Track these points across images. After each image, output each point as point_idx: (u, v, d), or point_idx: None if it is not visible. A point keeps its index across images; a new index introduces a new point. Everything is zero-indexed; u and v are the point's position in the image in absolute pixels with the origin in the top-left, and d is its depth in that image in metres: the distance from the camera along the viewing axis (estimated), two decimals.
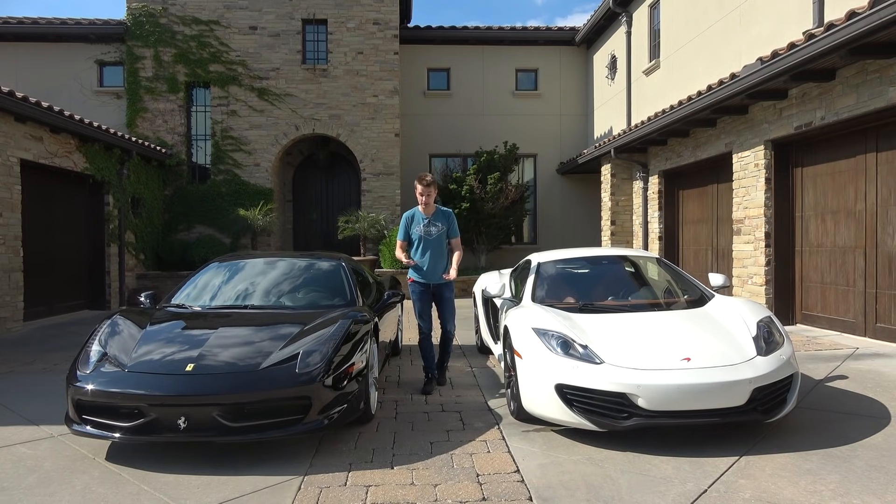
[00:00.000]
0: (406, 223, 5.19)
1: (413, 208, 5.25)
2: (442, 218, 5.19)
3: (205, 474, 3.31)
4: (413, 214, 5.20)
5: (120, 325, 4.16)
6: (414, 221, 5.17)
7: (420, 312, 5.20)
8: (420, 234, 5.11)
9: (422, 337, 5.19)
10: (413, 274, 5.22)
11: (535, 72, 16.30)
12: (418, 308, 5.21)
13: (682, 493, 2.99)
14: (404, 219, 5.22)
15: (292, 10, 13.69)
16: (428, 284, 5.17)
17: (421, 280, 5.18)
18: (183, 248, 12.82)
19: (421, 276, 5.18)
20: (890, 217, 6.42)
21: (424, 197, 5.06)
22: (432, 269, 5.13)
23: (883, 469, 3.22)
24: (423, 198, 5.07)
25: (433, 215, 5.16)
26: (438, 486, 3.15)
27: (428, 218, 5.14)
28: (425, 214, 5.15)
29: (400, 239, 5.21)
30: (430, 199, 5.09)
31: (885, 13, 5.03)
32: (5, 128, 8.41)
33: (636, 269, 5.64)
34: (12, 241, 8.52)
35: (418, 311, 5.21)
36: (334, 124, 13.82)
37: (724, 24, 9.91)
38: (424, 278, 5.17)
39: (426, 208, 5.13)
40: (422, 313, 5.19)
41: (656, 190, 11.50)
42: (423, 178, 5.05)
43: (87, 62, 13.96)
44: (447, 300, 5.22)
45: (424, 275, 5.16)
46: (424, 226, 5.11)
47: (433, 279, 5.15)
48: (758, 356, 3.76)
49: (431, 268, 5.13)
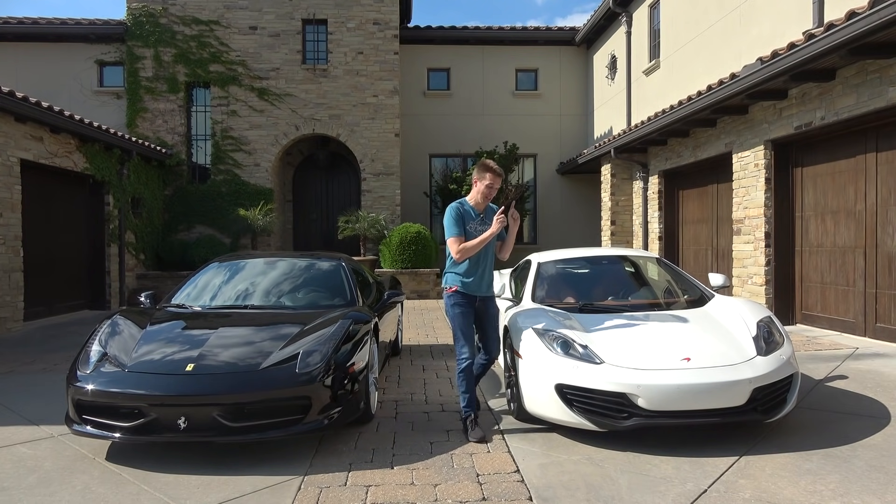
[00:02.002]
0: (459, 216, 4.10)
1: (459, 200, 4.23)
2: (491, 215, 4.21)
3: (205, 474, 3.31)
4: (464, 207, 4.17)
5: (120, 325, 4.16)
6: (466, 216, 4.15)
7: (464, 331, 4.08)
8: (474, 232, 4.12)
9: (465, 364, 4.03)
10: (455, 282, 4.11)
11: (535, 72, 16.30)
12: (461, 325, 4.08)
13: (682, 493, 2.99)
14: (455, 211, 4.11)
15: (292, 10, 13.69)
16: (474, 297, 4.14)
17: (467, 291, 4.10)
18: (183, 248, 12.82)
19: (468, 286, 4.10)
20: (890, 217, 6.42)
21: (491, 190, 4.12)
22: (480, 278, 4.13)
23: (883, 469, 3.22)
24: (489, 191, 4.12)
25: (486, 213, 4.23)
26: (438, 486, 3.15)
27: (480, 215, 4.20)
28: (477, 211, 4.19)
29: (456, 235, 4.05)
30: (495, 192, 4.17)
31: (885, 13, 5.03)
32: (5, 128, 8.41)
33: (636, 269, 5.64)
34: (12, 241, 8.52)
35: (462, 329, 4.07)
36: (334, 124, 13.82)
37: (724, 24, 9.91)
38: (471, 289, 4.11)
39: (480, 204, 4.19)
40: (466, 332, 4.08)
41: (656, 190, 11.50)
42: (492, 165, 4.13)
43: (87, 62, 13.96)
44: (493, 317, 4.26)
45: (472, 285, 4.10)
46: (478, 224, 4.18)
47: (481, 291, 4.16)
48: (758, 356, 3.76)
49: (480, 276, 4.13)
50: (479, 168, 4.14)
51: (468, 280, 4.10)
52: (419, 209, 15.37)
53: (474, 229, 4.11)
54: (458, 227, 4.08)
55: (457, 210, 4.13)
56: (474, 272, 4.11)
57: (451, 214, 4.11)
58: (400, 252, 12.39)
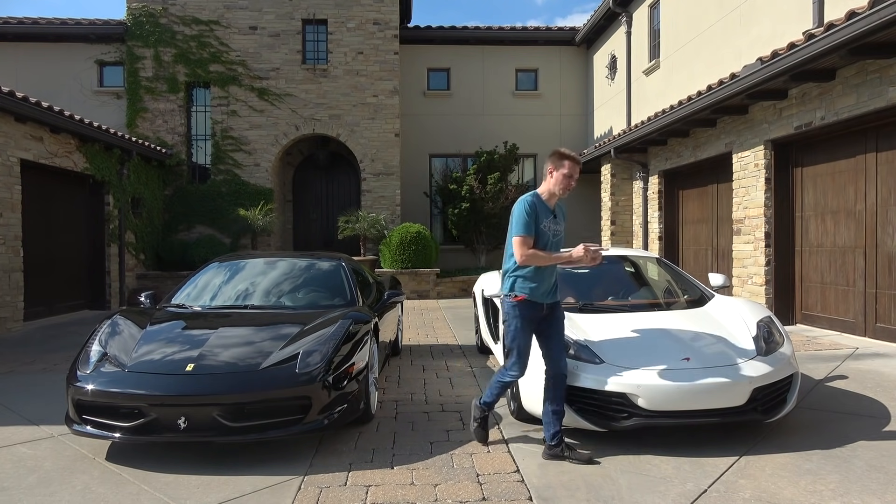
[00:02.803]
0: (533, 211, 3.51)
1: (533, 193, 3.64)
2: (561, 214, 3.75)
3: (205, 474, 3.31)
4: (536, 202, 3.57)
5: (120, 325, 4.16)
6: (541, 213, 3.56)
7: (523, 349, 3.54)
8: (547, 232, 3.58)
9: (510, 381, 3.64)
10: (524, 289, 3.52)
11: (535, 72, 16.30)
12: (521, 342, 3.53)
13: (682, 493, 2.99)
14: (530, 205, 3.51)
15: (292, 10, 13.69)
16: (542, 306, 3.57)
17: (535, 300, 3.53)
18: (183, 248, 12.82)
19: (536, 293, 3.53)
20: (890, 217, 6.42)
21: (570, 181, 3.58)
22: (550, 283, 3.61)
23: (883, 469, 3.22)
24: (568, 182, 3.57)
25: (556, 209, 3.69)
26: (438, 486, 3.15)
27: (553, 212, 3.65)
28: (550, 206, 3.64)
29: (526, 234, 3.48)
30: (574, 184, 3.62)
31: (885, 13, 5.03)
32: (5, 128, 8.41)
33: (636, 269, 5.64)
34: (12, 241, 8.52)
35: (521, 346, 3.53)
36: (334, 124, 13.82)
37: (724, 24, 9.91)
38: (540, 297, 3.54)
39: (554, 198, 3.65)
40: (524, 350, 3.55)
41: (656, 190, 11.50)
42: (568, 153, 3.60)
43: (87, 62, 13.95)
44: (561, 323, 3.70)
45: (541, 291, 3.55)
46: (551, 222, 3.61)
47: (550, 297, 3.61)
48: (758, 356, 3.76)
49: (550, 280, 3.61)
50: (555, 157, 3.60)
51: (536, 286, 3.52)
52: (419, 209, 15.37)
53: (548, 228, 3.58)
54: (531, 225, 3.48)
55: (532, 205, 3.52)
56: (543, 276, 3.55)
57: (525, 209, 3.49)
58: (400, 252, 12.39)
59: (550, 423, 3.52)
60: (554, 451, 3.46)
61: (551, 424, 3.52)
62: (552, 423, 3.52)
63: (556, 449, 3.46)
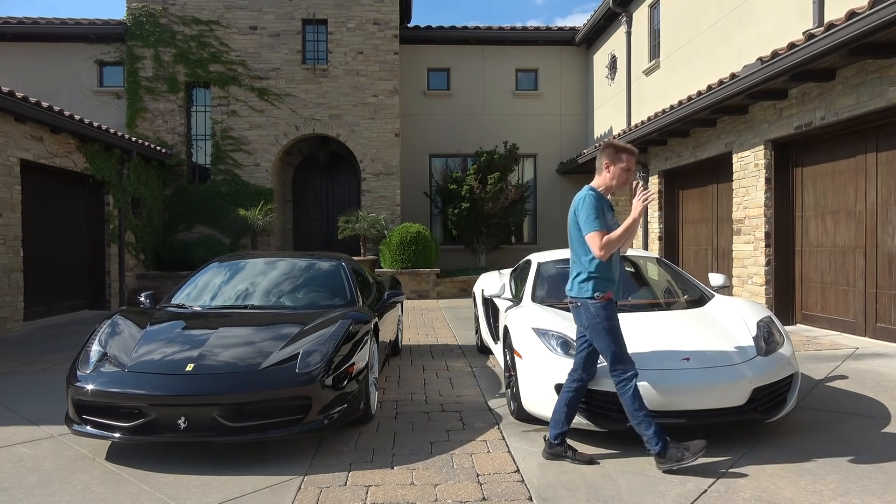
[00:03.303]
0: (601, 206, 3.39)
1: (590, 189, 3.47)
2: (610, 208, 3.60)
3: (205, 474, 3.31)
4: (601, 198, 3.45)
5: (120, 325, 4.16)
6: (605, 208, 3.44)
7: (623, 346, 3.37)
8: (612, 225, 3.44)
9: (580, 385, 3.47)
10: (608, 287, 3.39)
11: (535, 72, 16.29)
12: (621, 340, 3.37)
13: (682, 493, 2.99)
14: (597, 200, 3.38)
15: (292, 10, 13.69)
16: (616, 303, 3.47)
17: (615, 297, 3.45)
18: (183, 248, 12.83)
19: (616, 290, 3.45)
20: (890, 217, 6.42)
21: (629, 174, 3.50)
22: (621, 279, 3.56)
23: (883, 469, 3.22)
24: (627, 175, 3.48)
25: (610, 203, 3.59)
26: (438, 486, 3.15)
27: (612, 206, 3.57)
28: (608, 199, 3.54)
29: (600, 228, 3.31)
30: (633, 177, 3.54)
31: (885, 13, 5.03)
32: (5, 128, 8.41)
33: (636, 269, 5.63)
34: (12, 241, 8.52)
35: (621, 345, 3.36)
36: (334, 124, 13.82)
37: (724, 24, 9.91)
38: (616, 294, 3.46)
39: (610, 192, 3.55)
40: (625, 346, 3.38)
41: (656, 190, 11.49)
42: (624, 145, 3.52)
43: (87, 62, 13.96)
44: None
45: (617, 288, 3.49)
46: (611, 216, 3.50)
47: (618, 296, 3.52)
48: (758, 356, 3.76)
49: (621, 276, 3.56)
50: (610, 151, 3.48)
51: (614, 284, 3.42)
52: (419, 209, 15.37)
53: (611, 222, 3.44)
54: (602, 219, 3.34)
55: (598, 199, 3.38)
56: (615, 272, 3.45)
57: (593, 204, 3.33)
58: (400, 252, 12.39)
59: (561, 423, 3.46)
60: (556, 451, 3.45)
61: (562, 424, 3.46)
62: (562, 423, 3.46)
63: (559, 448, 3.45)
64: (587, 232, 3.34)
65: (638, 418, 3.28)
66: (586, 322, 3.41)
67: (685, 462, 3.17)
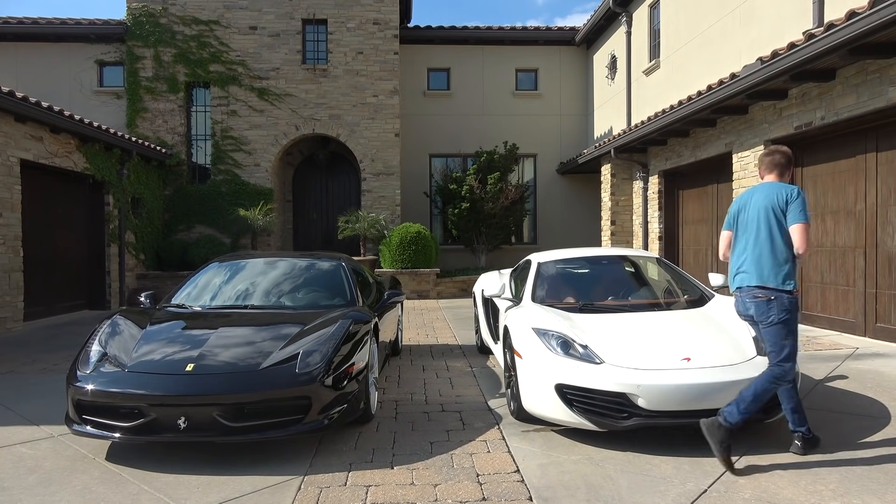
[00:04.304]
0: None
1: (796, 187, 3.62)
2: None
3: (205, 474, 3.31)
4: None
5: (120, 325, 4.16)
6: None
7: (798, 340, 3.44)
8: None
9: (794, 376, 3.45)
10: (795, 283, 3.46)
11: (535, 72, 16.30)
12: (797, 335, 3.43)
13: (682, 493, 2.99)
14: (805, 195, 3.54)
15: (292, 10, 13.69)
16: None
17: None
18: (183, 248, 12.83)
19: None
20: (890, 217, 6.42)
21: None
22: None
23: (883, 469, 3.22)
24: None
25: None
26: (438, 486, 3.15)
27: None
28: None
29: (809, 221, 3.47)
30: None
31: (885, 13, 5.03)
32: (5, 128, 8.41)
33: (636, 269, 5.64)
34: (12, 241, 8.52)
35: (797, 339, 3.42)
36: (334, 124, 13.82)
37: (724, 24, 9.91)
38: None
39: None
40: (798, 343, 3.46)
41: (656, 190, 11.50)
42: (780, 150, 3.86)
43: (87, 62, 13.96)
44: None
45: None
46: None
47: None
48: (758, 356, 3.76)
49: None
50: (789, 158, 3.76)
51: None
52: (419, 209, 15.38)
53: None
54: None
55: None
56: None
57: (804, 199, 3.46)
58: (400, 252, 12.39)
59: (796, 422, 3.45)
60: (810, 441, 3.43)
61: (798, 422, 3.44)
62: (799, 421, 3.44)
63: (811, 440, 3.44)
64: (802, 221, 3.37)
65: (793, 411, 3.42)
66: (777, 316, 3.36)
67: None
